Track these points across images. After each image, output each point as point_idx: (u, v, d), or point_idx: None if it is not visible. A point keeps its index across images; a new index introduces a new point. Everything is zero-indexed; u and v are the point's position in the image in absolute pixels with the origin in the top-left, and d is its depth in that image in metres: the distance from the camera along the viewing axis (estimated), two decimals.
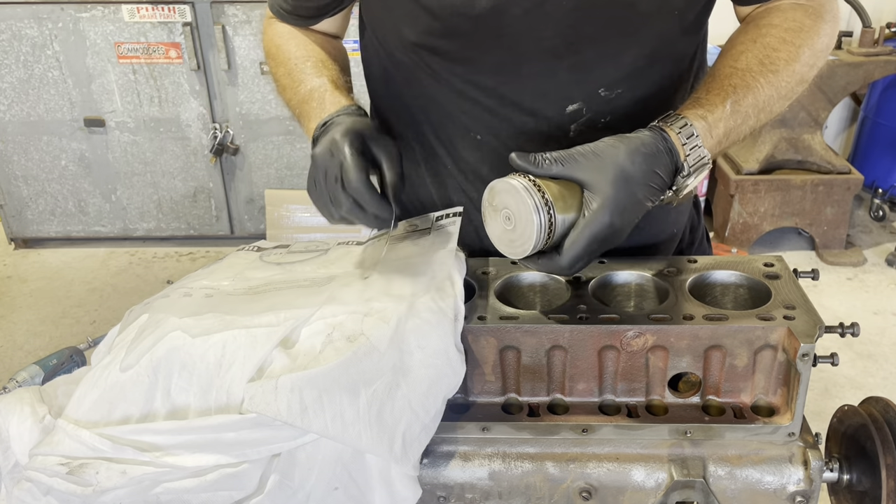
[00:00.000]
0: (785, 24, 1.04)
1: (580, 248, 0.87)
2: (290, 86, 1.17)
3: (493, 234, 0.92)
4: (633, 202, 0.87)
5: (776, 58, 1.00)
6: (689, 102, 0.98)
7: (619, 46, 1.04)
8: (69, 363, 1.67)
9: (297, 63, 1.17)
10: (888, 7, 4.16)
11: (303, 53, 1.19)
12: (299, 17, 1.22)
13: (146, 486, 0.80)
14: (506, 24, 1.01)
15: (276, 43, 1.23)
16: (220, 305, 0.92)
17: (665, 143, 0.90)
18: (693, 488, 0.89)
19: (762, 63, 1.00)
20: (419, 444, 0.86)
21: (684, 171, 0.92)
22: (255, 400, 0.79)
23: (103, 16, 3.49)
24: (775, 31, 1.03)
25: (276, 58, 1.22)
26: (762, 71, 0.99)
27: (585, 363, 0.92)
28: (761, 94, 0.99)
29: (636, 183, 0.87)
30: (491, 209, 0.91)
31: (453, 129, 1.13)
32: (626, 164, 0.87)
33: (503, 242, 0.90)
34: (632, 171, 0.87)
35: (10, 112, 3.70)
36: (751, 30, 1.06)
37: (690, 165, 0.92)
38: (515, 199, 0.86)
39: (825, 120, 3.77)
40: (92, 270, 3.87)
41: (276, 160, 3.82)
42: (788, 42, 1.02)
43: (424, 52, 1.08)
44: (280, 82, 1.20)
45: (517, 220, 0.87)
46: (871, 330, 3.24)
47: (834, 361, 0.88)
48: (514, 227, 0.88)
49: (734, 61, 1.01)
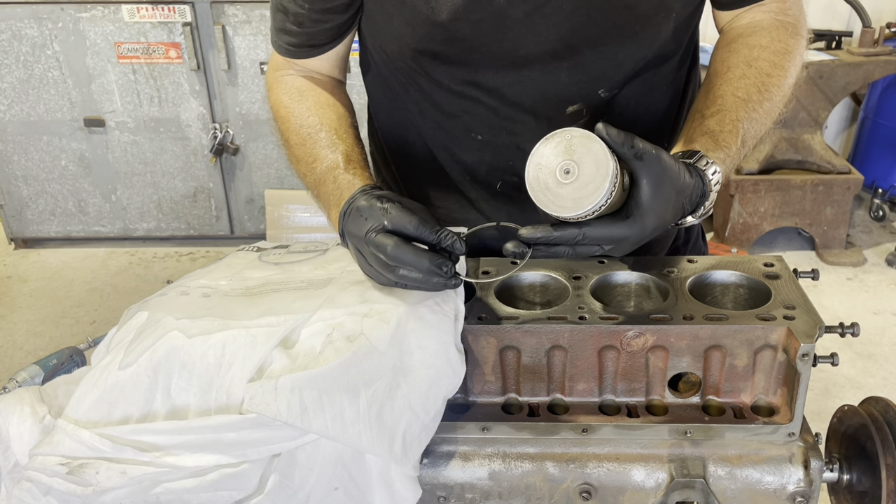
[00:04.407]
0: (772, 45, 1.07)
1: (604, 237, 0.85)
2: (304, 159, 1.10)
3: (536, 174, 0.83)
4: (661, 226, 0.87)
5: (770, 84, 1.04)
6: (707, 140, 0.98)
7: (618, 48, 1.05)
8: (69, 363, 1.67)
9: (311, 133, 1.11)
10: (888, 7, 4.17)
11: (315, 121, 1.12)
12: (312, 46, 1.15)
13: (146, 486, 0.80)
14: (507, 27, 1.01)
15: (284, 104, 1.16)
16: (216, 307, 0.92)
17: (702, 188, 0.92)
18: (693, 488, 0.89)
19: (760, 91, 1.03)
20: (419, 444, 0.86)
21: (698, 213, 0.94)
22: (255, 400, 0.79)
23: (103, 16, 3.49)
24: (766, 53, 1.06)
25: (287, 121, 1.15)
26: (760, 100, 1.03)
27: (585, 363, 0.92)
28: (760, 123, 1.03)
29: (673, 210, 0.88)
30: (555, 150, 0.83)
31: (453, 130, 1.13)
32: (677, 192, 0.87)
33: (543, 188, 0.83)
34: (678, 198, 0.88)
35: (10, 112, 3.70)
36: (742, 50, 1.08)
37: (705, 209, 0.94)
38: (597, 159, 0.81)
39: (825, 120, 3.77)
40: (92, 270, 3.87)
41: (276, 160, 3.82)
42: (778, 66, 1.06)
43: (425, 59, 1.07)
44: (293, 152, 1.14)
45: (580, 178, 0.81)
46: (871, 330, 3.24)
47: (834, 361, 0.88)
48: (573, 181, 0.82)
49: (735, 89, 1.03)
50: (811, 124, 3.68)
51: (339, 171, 1.04)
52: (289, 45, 1.15)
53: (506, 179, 1.15)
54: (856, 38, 3.87)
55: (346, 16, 1.11)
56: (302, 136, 1.12)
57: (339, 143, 1.08)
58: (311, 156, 1.09)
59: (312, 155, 1.09)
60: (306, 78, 1.18)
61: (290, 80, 1.18)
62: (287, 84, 1.17)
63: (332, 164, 1.06)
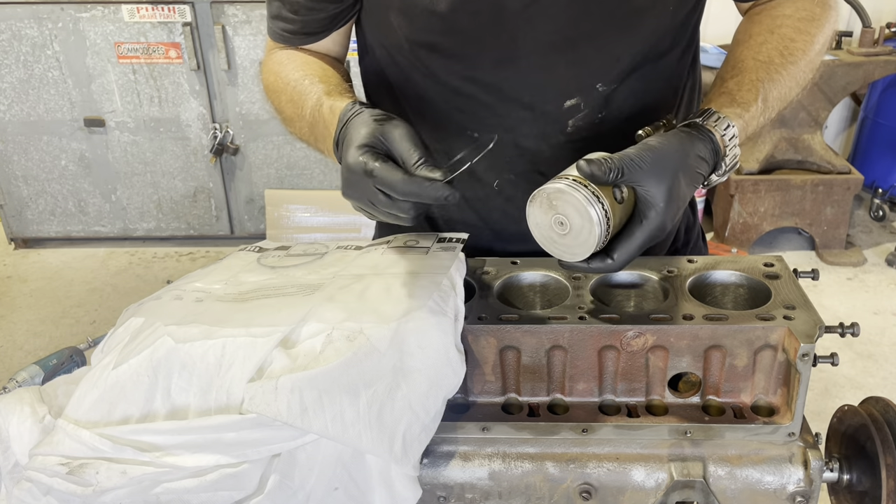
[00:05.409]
0: (797, 13, 1.08)
1: (634, 249, 0.88)
2: (295, 115, 1.09)
3: (539, 234, 0.90)
4: (682, 205, 0.90)
5: (794, 48, 1.05)
6: (724, 98, 1.00)
7: (615, 41, 1.05)
8: (69, 363, 1.67)
9: (296, 86, 1.10)
10: (888, 7, 4.17)
11: (300, 74, 1.11)
12: (307, 34, 1.16)
13: (146, 486, 0.80)
14: (505, 18, 1.02)
15: (274, 71, 1.17)
16: (205, 314, 0.92)
17: (713, 146, 0.93)
18: (693, 488, 0.89)
19: (782, 54, 1.04)
20: (419, 444, 0.86)
21: (721, 170, 0.95)
22: (255, 400, 0.79)
23: (103, 16, 3.49)
24: (790, 21, 1.07)
25: (276, 87, 1.15)
26: (783, 63, 1.03)
27: (585, 363, 0.92)
28: (784, 86, 1.03)
29: (687, 185, 0.90)
30: (541, 209, 0.88)
31: (449, 128, 1.13)
32: (682, 171, 0.89)
33: (549, 242, 0.89)
34: (686, 176, 0.89)
35: (10, 112, 3.71)
36: (765, 20, 1.09)
37: (727, 165, 0.96)
38: (577, 209, 0.85)
39: (825, 120, 3.77)
40: (92, 270, 3.87)
41: (276, 160, 3.82)
42: (803, 32, 1.06)
43: (422, 51, 1.08)
44: (285, 114, 1.13)
45: (573, 227, 0.86)
46: (871, 330, 3.24)
47: (834, 361, 0.88)
48: (568, 232, 0.86)
49: (756, 53, 1.04)
50: (811, 124, 3.68)
51: (321, 103, 1.03)
52: (284, 32, 1.17)
53: (503, 178, 1.15)
54: (856, 38, 3.87)
55: (341, 6, 1.12)
56: (289, 93, 1.11)
57: (320, 83, 1.07)
58: (298, 107, 1.08)
59: (300, 106, 1.07)
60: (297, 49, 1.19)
61: (280, 52, 1.19)
62: (277, 55, 1.19)
63: (315, 102, 1.04)
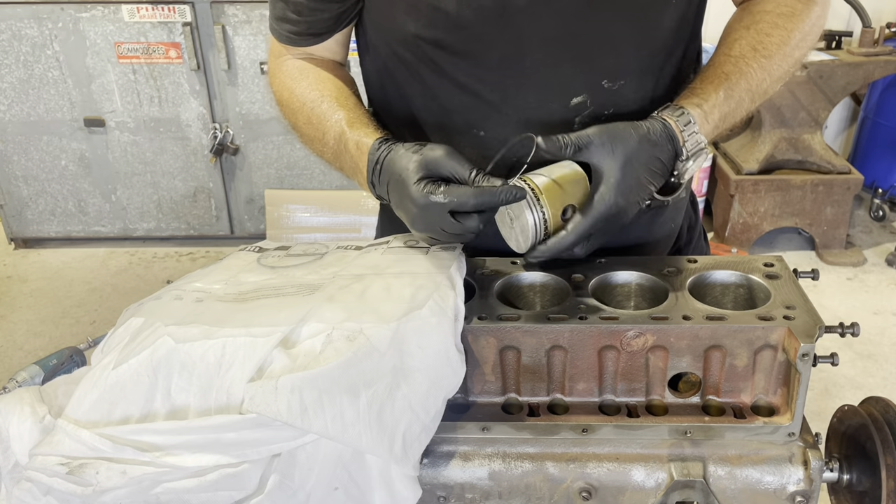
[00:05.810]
0: (777, 9, 1.11)
1: (587, 226, 0.96)
2: (316, 138, 1.14)
3: (503, 233, 1.02)
4: (637, 185, 0.97)
5: (768, 42, 1.08)
6: (686, 92, 1.07)
7: (620, 37, 1.06)
8: (69, 363, 1.67)
9: (314, 108, 1.13)
10: (888, 7, 4.17)
11: (316, 95, 1.14)
12: (312, 35, 1.17)
13: (146, 486, 0.80)
14: (509, 14, 1.02)
15: (287, 87, 1.18)
16: (205, 314, 0.92)
17: (666, 131, 0.99)
18: (693, 488, 0.89)
19: (755, 49, 1.07)
20: (419, 444, 0.86)
21: (683, 156, 1.00)
22: (255, 400, 0.79)
23: (103, 16, 3.49)
24: (768, 16, 1.10)
25: (291, 105, 1.18)
26: (755, 56, 1.07)
27: (585, 363, 0.92)
28: (754, 78, 1.07)
29: (641, 166, 0.97)
30: None
31: (455, 126, 1.13)
32: (634, 150, 0.96)
33: (511, 239, 1.01)
34: (638, 156, 0.96)
35: (10, 112, 3.70)
36: (745, 17, 1.13)
37: (689, 150, 1.00)
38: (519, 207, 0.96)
39: (825, 120, 3.77)
40: (92, 270, 3.87)
41: (276, 160, 3.82)
42: (780, 27, 1.09)
43: (427, 46, 1.08)
44: (303, 133, 1.17)
45: (516, 219, 0.98)
46: (871, 330, 3.24)
47: (834, 361, 0.88)
48: (514, 224, 0.99)
49: (728, 49, 1.09)
50: (811, 124, 3.68)
51: (345, 137, 1.08)
52: (289, 34, 1.17)
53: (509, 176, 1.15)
54: (856, 38, 3.87)
55: (345, 5, 1.13)
56: (306, 114, 1.15)
57: (339, 109, 1.12)
58: (319, 132, 1.13)
59: (321, 131, 1.13)
60: (305, 59, 1.20)
61: (290, 64, 1.21)
62: (287, 67, 1.20)
63: (337, 133, 1.10)
